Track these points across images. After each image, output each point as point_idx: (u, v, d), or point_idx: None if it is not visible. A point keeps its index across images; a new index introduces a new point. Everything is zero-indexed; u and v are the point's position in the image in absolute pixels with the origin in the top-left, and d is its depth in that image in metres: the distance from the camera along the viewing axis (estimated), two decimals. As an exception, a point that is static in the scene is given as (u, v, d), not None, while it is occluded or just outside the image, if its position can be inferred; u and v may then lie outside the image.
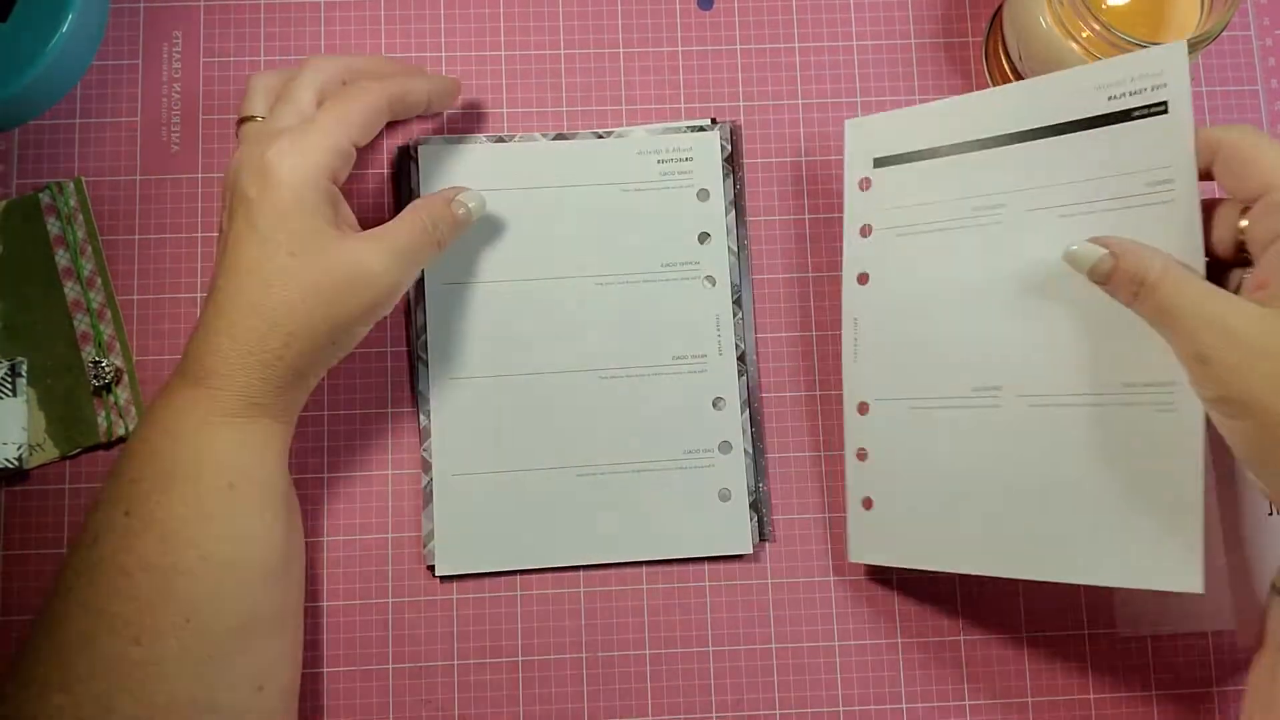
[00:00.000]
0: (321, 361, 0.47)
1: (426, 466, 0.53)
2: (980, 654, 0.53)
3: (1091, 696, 0.53)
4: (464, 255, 0.55)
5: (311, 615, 0.53)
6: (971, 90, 0.57)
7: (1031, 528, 0.46)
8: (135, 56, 0.56)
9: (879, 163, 0.51)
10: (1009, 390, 0.46)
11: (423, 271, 0.54)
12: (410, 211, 0.49)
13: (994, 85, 0.57)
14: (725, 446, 0.54)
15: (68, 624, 0.43)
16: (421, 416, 0.54)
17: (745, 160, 0.56)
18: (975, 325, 0.48)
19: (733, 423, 0.54)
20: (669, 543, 0.53)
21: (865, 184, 0.51)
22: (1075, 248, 0.43)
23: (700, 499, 0.53)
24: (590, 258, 0.55)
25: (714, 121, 0.56)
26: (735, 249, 0.55)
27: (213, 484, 0.44)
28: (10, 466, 0.52)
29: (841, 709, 0.53)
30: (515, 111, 0.57)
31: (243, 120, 0.49)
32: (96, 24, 0.56)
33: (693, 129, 0.56)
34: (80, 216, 0.54)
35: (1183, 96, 0.42)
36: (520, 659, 0.53)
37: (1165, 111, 0.43)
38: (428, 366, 0.54)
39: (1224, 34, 0.56)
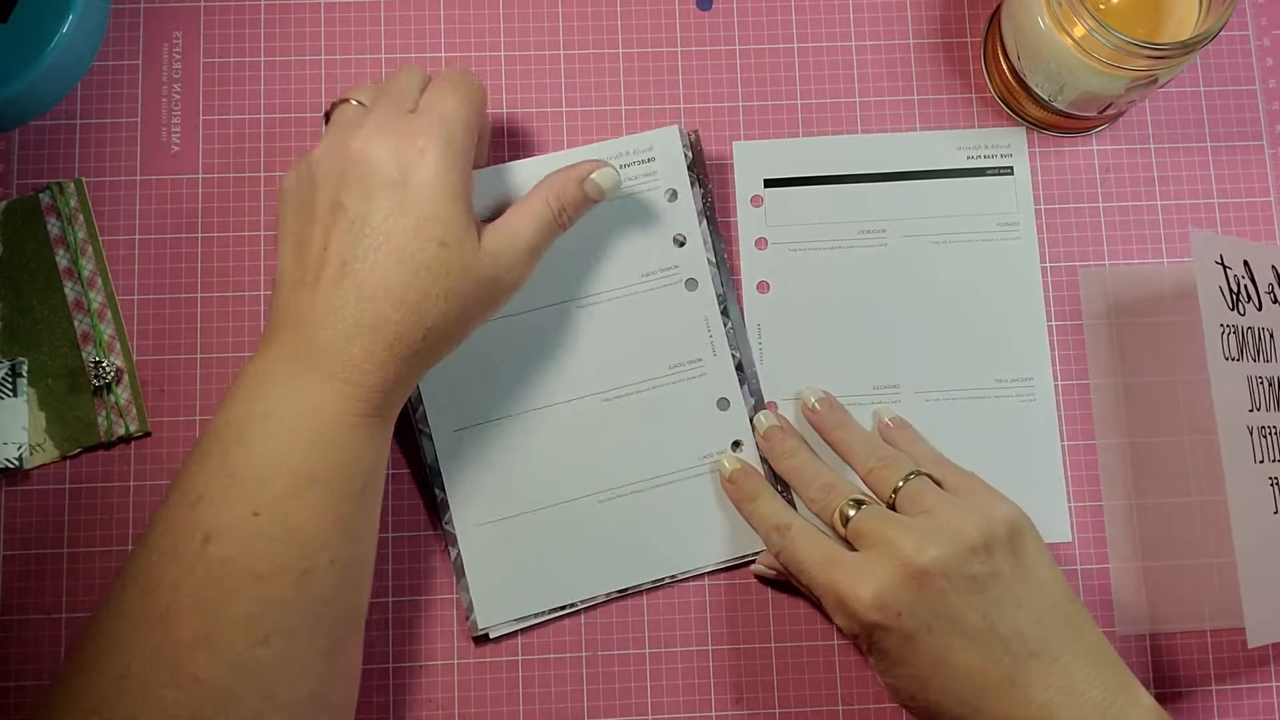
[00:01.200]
0: (437, 360, 0.47)
1: (453, 540, 0.52)
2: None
3: (1091, 695, 0.53)
4: None
5: (312, 615, 0.53)
6: (970, 90, 0.58)
7: None
8: (135, 57, 0.57)
9: (769, 183, 0.56)
10: (906, 387, 0.55)
11: None
12: (539, 194, 0.49)
13: (992, 85, 0.57)
14: (738, 446, 0.54)
15: (180, 620, 0.41)
16: (436, 491, 0.53)
17: (718, 163, 0.56)
18: (871, 330, 0.55)
19: (741, 421, 0.54)
20: (699, 552, 0.53)
21: (757, 201, 0.56)
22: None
23: (724, 503, 0.53)
24: (570, 279, 0.54)
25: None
26: (714, 260, 0.54)
27: (348, 489, 0.44)
28: (10, 466, 0.52)
29: (841, 709, 0.53)
30: (515, 112, 0.57)
31: (340, 103, 0.49)
32: (97, 24, 0.56)
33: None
34: (80, 217, 0.55)
35: (1023, 164, 0.57)
36: (520, 659, 0.53)
37: (1012, 174, 0.57)
38: (433, 441, 0.53)
39: (1222, 34, 0.56)
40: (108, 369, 0.53)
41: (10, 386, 0.53)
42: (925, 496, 0.48)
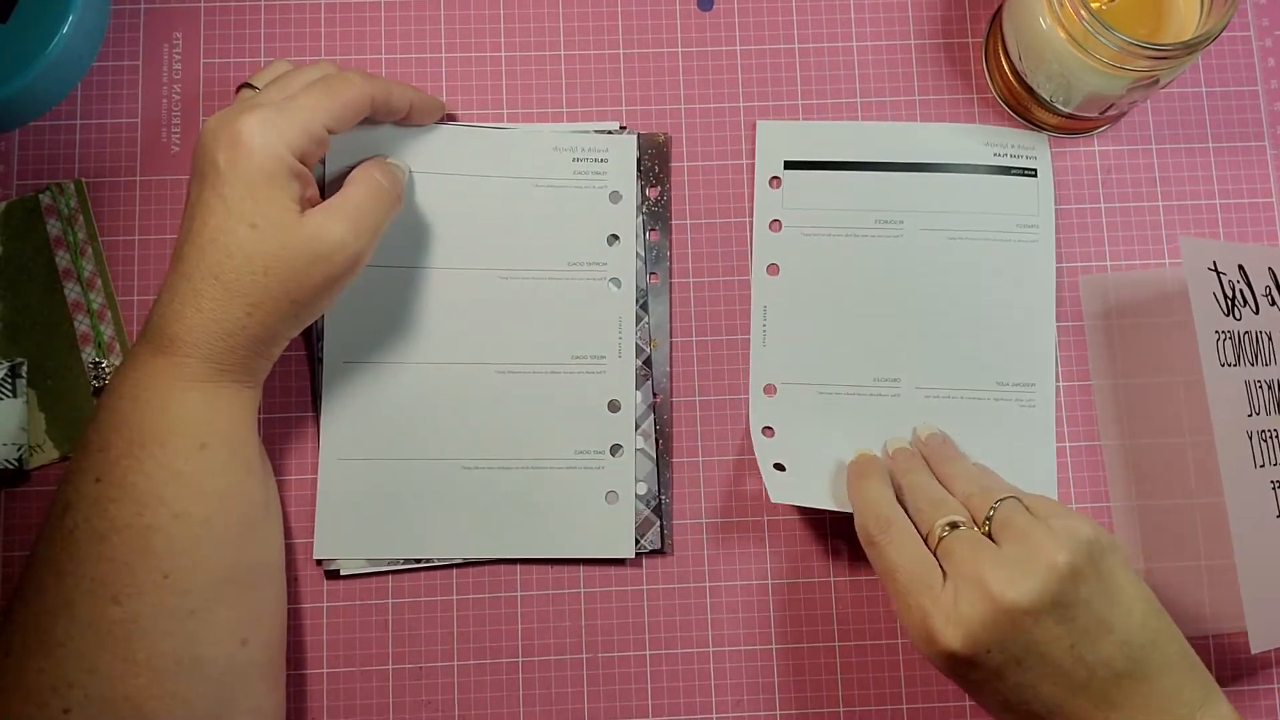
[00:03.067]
0: (284, 332, 0.48)
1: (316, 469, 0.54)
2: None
3: (1092, 697, 0.53)
4: None
5: (312, 616, 0.53)
6: (971, 91, 0.58)
7: None
8: (135, 57, 0.56)
9: (789, 165, 0.56)
10: (906, 382, 0.55)
11: None
12: (361, 173, 0.50)
13: (994, 86, 0.57)
14: (616, 449, 0.54)
15: (44, 593, 0.44)
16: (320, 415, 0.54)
17: (685, 164, 0.56)
18: (877, 322, 0.55)
19: (626, 426, 0.54)
20: (551, 542, 0.53)
21: (775, 183, 0.56)
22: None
23: (586, 500, 0.53)
24: (496, 250, 0.54)
25: (623, 128, 0.56)
26: (642, 253, 0.55)
27: (183, 445, 0.45)
28: (10, 467, 0.52)
29: (842, 710, 0.53)
30: (515, 112, 0.57)
31: (242, 86, 0.50)
32: (97, 25, 0.56)
33: (600, 132, 0.56)
34: (80, 217, 0.54)
35: (1045, 168, 0.56)
36: (520, 659, 0.53)
37: (1035, 175, 0.56)
38: (322, 367, 0.54)
39: (1224, 34, 0.56)
40: (107, 370, 0.53)
41: (10, 387, 0.53)
42: (1016, 520, 0.46)
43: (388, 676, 0.52)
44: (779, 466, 0.53)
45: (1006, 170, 0.56)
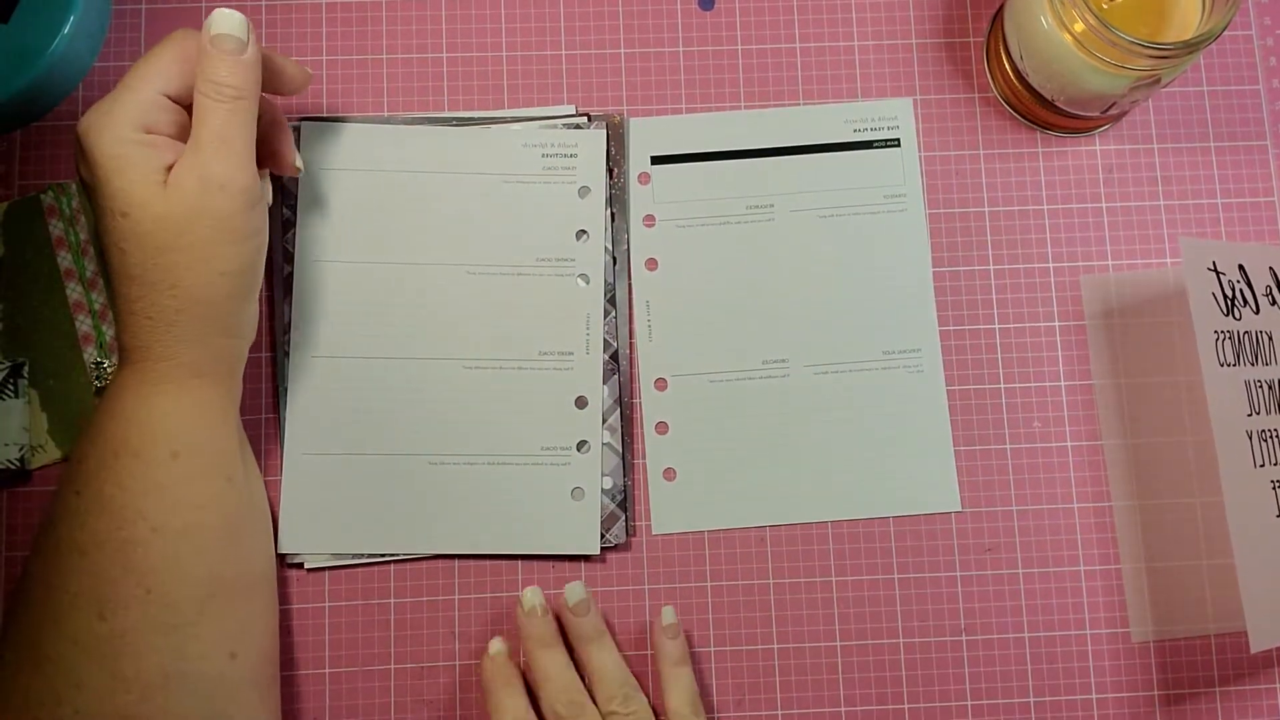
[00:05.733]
0: (230, 299, 0.46)
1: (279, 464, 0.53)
2: (982, 654, 0.53)
3: (1094, 697, 0.53)
4: (337, 233, 0.54)
5: (313, 616, 0.53)
6: (973, 90, 0.58)
7: (819, 477, 0.54)
8: (137, 57, 0.56)
9: (656, 160, 0.56)
10: (795, 361, 0.55)
11: (292, 254, 0.54)
12: (196, 101, 0.45)
13: (995, 85, 0.57)
14: (583, 446, 0.54)
15: (33, 607, 0.44)
16: (282, 410, 0.54)
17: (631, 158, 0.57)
18: (759, 305, 0.56)
19: (593, 423, 0.54)
20: (516, 539, 0.53)
21: (645, 179, 0.56)
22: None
23: (552, 497, 0.53)
24: (465, 246, 0.55)
25: (589, 118, 0.56)
26: (610, 248, 0.55)
27: (156, 455, 0.45)
28: (12, 468, 0.52)
29: (844, 710, 0.53)
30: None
31: None
32: (98, 25, 0.56)
33: (569, 126, 0.56)
34: (82, 218, 0.55)
35: (910, 136, 0.57)
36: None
37: (899, 145, 0.57)
38: (289, 360, 0.54)
39: (1225, 34, 0.56)
40: (109, 370, 0.53)
41: (12, 387, 0.53)
42: None
43: (388, 676, 0.52)
44: (669, 474, 0.54)
45: (868, 144, 0.56)
